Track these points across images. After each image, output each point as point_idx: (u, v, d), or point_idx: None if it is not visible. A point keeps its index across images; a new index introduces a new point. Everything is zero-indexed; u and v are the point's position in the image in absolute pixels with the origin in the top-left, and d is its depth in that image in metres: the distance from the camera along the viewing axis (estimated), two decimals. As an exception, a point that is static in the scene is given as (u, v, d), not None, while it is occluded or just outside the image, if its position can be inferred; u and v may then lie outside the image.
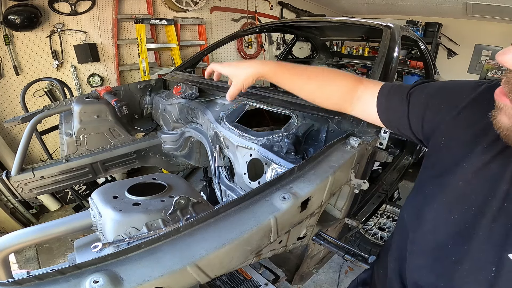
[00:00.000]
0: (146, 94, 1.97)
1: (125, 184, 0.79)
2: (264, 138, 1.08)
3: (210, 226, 0.58)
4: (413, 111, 0.61)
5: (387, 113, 0.68)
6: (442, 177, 0.54)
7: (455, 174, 0.51)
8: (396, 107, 0.65)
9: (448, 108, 0.55)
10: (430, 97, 0.59)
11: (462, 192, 0.50)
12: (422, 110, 0.59)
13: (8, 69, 2.35)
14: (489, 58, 4.69)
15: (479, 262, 0.48)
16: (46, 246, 2.23)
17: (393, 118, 0.67)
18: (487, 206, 0.47)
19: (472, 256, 0.49)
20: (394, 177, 1.91)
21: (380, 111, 0.68)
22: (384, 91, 0.68)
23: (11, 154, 2.36)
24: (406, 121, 0.63)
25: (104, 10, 2.77)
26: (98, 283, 0.43)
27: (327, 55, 3.60)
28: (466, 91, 0.54)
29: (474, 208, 0.48)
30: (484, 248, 0.47)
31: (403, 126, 0.64)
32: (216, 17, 3.84)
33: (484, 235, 0.47)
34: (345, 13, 5.61)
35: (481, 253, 0.48)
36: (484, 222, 0.47)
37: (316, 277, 2.04)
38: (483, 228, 0.47)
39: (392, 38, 1.32)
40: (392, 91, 0.67)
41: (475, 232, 0.48)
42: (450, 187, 0.52)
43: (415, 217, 0.61)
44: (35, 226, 0.71)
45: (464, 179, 0.50)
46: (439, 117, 0.56)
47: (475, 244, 0.48)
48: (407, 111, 0.62)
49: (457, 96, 0.55)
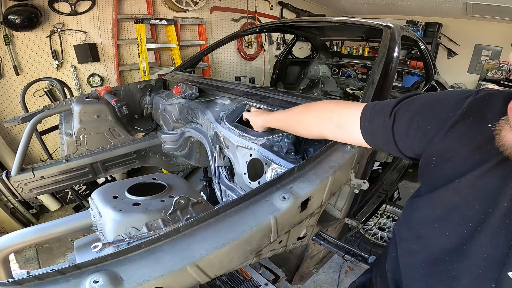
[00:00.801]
0: (146, 94, 1.97)
1: (125, 184, 0.79)
2: (264, 138, 1.08)
3: (210, 226, 0.58)
4: (398, 133, 0.59)
5: (373, 138, 0.66)
6: (437, 193, 0.53)
7: (450, 189, 0.50)
8: (381, 131, 0.62)
9: (435, 126, 0.52)
10: (415, 115, 0.56)
11: (458, 208, 0.49)
12: (407, 130, 0.57)
13: (8, 69, 2.35)
14: (489, 58, 4.69)
15: (478, 279, 0.47)
16: (46, 246, 2.23)
17: (380, 142, 0.65)
18: (486, 222, 0.45)
19: (471, 273, 0.48)
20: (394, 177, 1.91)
21: (366, 136, 0.67)
22: (366, 115, 0.66)
23: (11, 154, 2.36)
24: (393, 144, 0.60)
25: (104, 10, 2.77)
26: (98, 283, 0.43)
27: (327, 55, 3.60)
28: (451, 105, 0.51)
29: (471, 225, 0.47)
30: (484, 265, 0.46)
31: (392, 149, 0.62)
32: (216, 17, 3.84)
33: (484, 252, 0.46)
34: (345, 13, 5.61)
35: (479, 270, 0.47)
36: (483, 239, 0.46)
37: (316, 277, 2.04)
38: (482, 245, 0.46)
39: (392, 38, 1.32)
40: (374, 112, 0.65)
41: (474, 249, 0.47)
42: (445, 202, 0.51)
43: (411, 231, 0.60)
44: (35, 226, 0.71)
45: (460, 194, 0.49)
46: (427, 137, 0.53)
47: (473, 260, 0.47)
48: (392, 134, 0.60)
49: (443, 111, 0.52)
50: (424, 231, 0.56)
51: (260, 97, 1.31)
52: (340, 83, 3.63)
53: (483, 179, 0.46)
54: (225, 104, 1.46)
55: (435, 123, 0.52)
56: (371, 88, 1.13)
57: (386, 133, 0.61)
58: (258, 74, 4.66)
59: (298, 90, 3.52)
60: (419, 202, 0.58)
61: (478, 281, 0.47)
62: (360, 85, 3.53)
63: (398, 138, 0.59)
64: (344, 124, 0.73)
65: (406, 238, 0.61)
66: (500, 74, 4.57)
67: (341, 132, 0.75)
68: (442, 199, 0.52)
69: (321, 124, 0.81)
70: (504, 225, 0.44)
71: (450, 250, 0.51)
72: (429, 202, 0.55)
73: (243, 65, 4.43)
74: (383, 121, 0.61)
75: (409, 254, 0.60)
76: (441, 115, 0.52)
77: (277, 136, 1.08)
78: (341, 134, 0.76)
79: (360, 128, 0.67)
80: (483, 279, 0.46)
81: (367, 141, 0.68)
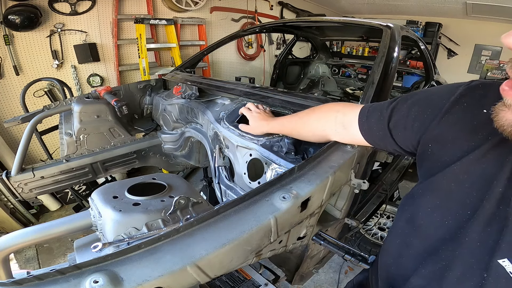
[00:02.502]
0: (146, 94, 1.97)
1: (125, 184, 0.79)
2: (264, 138, 1.08)
3: (210, 226, 0.58)
4: (396, 126, 0.60)
5: (370, 134, 0.68)
6: (434, 182, 0.53)
7: (447, 177, 0.50)
8: (377, 126, 0.64)
9: (430, 114, 0.54)
10: (411, 107, 0.58)
11: (455, 195, 0.49)
12: (404, 122, 0.58)
13: (8, 69, 2.35)
14: (489, 58, 4.69)
15: (470, 268, 0.46)
16: (46, 246, 2.24)
17: (377, 137, 0.66)
18: (481, 209, 0.45)
19: (464, 262, 0.47)
20: (394, 177, 1.91)
21: (364, 133, 0.69)
22: (364, 112, 0.69)
23: (11, 154, 2.36)
24: (390, 137, 0.62)
25: (104, 10, 2.77)
26: (98, 283, 0.43)
27: (327, 55, 3.60)
28: (445, 94, 0.53)
29: (469, 212, 0.47)
30: (476, 253, 0.46)
31: (389, 143, 0.63)
32: (216, 17, 3.84)
33: (477, 240, 0.45)
34: (345, 13, 5.61)
35: (472, 259, 0.46)
36: (476, 226, 0.45)
37: (316, 277, 2.04)
38: (476, 233, 0.45)
39: (392, 38, 1.32)
40: (372, 110, 0.67)
41: (468, 237, 0.46)
42: (442, 191, 0.51)
43: (408, 222, 0.60)
44: (35, 226, 0.71)
45: (456, 181, 0.49)
46: (424, 126, 0.54)
47: (466, 249, 0.47)
48: (388, 128, 0.61)
49: (437, 101, 0.54)
50: (422, 221, 0.55)
51: (260, 97, 1.31)
52: (340, 83, 3.63)
53: (479, 164, 0.46)
54: (225, 104, 1.46)
55: (430, 111, 0.54)
56: (371, 88, 1.13)
57: (382, 127, 0.63)
58: (258, 74, 4.66)
59: (298, 90, 3.52)
60: (419, 192, 0.58)
61: (470, 270, 0.46)
62: (360, 85, 3.53)
63: (396, 131, 0.60)
64: (348, 123, 0.74)
65: (404, 231, 0.61)
66: (500, 74, 4.57)
67: (345, 132, 0.77)
68: (439, 186, 0.52)
69: (325, 124, 0.81)
70: (498, 211, 0.43)
71: (445, 238, 0.50)
72: (426, 192, 0.55)
73: (243, 65, 4.43)
74: (379, 116, 0.64)
75: (407, 247, 0.60)
76: (436, 103, 0.54)
77: (277, 136, 1.08)
78: (345, 134, 0.77)
79: (358, 125, 0.69)
80: (475, 268, 0.46)
81: (365, 137, 0.69)
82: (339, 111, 0.78)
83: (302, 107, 1.10)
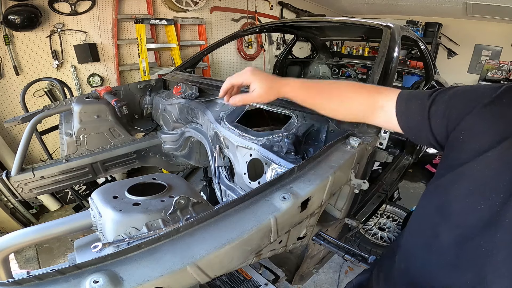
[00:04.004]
0: (146, 94, 1.97)
1: (125, 184, 0.79)
2: (264, 138, 1.08)
3: (210, 226, 0.58)
4: (435, 114, 0.62)
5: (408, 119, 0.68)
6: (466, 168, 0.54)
7: (479, 162, 0.51)
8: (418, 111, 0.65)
9: (469, 106, 0.56)
10: (452, 97, 0.60)
11: (488, 180, 0.50)
12: (444, 110, 0.60)
13: (8, 69, 2.35)
14: (489, 58, 4.69)
15: None
16: (46, 246, 2.23)
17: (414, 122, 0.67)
18: None
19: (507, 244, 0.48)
20: (394, 177, 1.91)
21: (400, 116, 0.69)
22: (403, 97, 0.69)
23: (11, 154, 2.36)
24: (427, 124, 0.63)
25: (104, 10, 2.77)
26: (98, 283, 0.43)
27: (327, 55, 3.60)
28: (487, 90, 0.56)
29: (503, 196, 0.48)
30: None
31: (424, 130, 0.64)
32: (216, 17, 3.84)
33: None
34: (345, 13, 5.61)
35: None
36: None
37: (316, 277, 2.04)
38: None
39: (392, 38, 1.32)
40: (411, 96, 0.68)
41: (507, 218, 0.47)
42: (474, 176, 0.52)
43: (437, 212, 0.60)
44: (35, 226, 0.71)
45: (490, 167, 0.50)
46: (460, 116, 0.56)
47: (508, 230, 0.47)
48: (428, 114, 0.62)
49: (479, 94, 0.56)
50: (452, 208, 0.56)
51: (260, 97, 1.31)
52: (340, 83, 3.63)
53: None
54: (225, 104, 1.46)
55: (470, 103, 0.56)
56: (371, 88, 1.12)
57: (422, 113, 0.64)
58: (258, 74, 4.65)
59: (298, 90, 3.51)
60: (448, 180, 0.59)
61: None
62: (360, 85, 3.52)
63: (435, 118, 0.62)
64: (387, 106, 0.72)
65: (432, 220, 0.62)
66: (500, 74, 4.57)
67: (383, 115, 0.74)
68: (471, 173, 0.53)
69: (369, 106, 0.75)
70: None
71: (482, 224, 0.51)
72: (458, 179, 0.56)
73: (243, 65, 4.43)
74: (420, 104, 0.65)
75: (435, 239, 0.60)
76: (477, 97, 0.56)
77: (277, 136, 1.08)
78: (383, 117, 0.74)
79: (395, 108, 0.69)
80: None
81: (400, 122, 0.69)
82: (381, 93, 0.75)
83: (302, 107, 1.10)
